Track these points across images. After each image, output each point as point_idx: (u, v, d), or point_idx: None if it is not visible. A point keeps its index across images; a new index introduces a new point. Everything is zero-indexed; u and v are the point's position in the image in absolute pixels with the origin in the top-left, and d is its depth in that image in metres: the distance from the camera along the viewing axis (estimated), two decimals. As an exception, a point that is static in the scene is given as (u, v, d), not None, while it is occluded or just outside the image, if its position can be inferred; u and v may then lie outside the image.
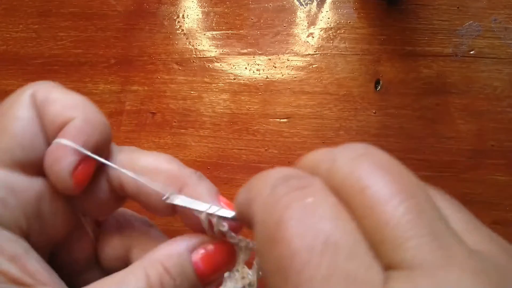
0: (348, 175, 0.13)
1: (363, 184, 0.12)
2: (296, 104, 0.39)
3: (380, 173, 0.13)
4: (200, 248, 0.19)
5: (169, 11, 0.42)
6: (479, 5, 0.39)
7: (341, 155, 0.14)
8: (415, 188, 0.13)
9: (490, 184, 0.37)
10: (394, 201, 0.12)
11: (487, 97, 0.38)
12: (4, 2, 0.44)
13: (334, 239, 0.12)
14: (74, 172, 0.18)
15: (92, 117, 0.20)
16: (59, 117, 0.19)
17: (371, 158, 0.13)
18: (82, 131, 0.19)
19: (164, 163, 0.20)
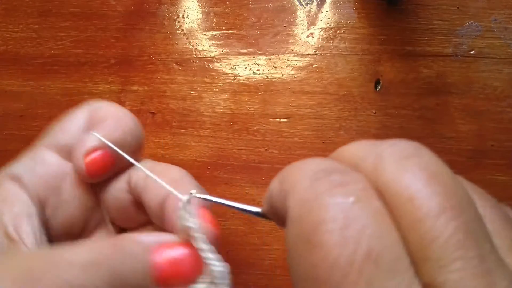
0: (394, 178, 0.12)
1: (412, 193, 0.12)
2: (296, 104, 0.39)
3: (431, 182, 0.12)
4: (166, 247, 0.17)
5: (169, 11, 0.42)
6: (479, 5, 0.39)
7: (388, 154, 0.13)
8: (465, 203, 0.12)
9: (490, 184, 0.37)
10: (445, 216, 0.11)
11: (487, 97, 0.38)
12: (4, 2, 0.44)
13: (377, 252, 0.11)
14: (87, 156, 0.21)
15: (121, 121, 0.22)
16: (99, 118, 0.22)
17: (422, 162, 0.12)
18: (107, 125, 0.22)
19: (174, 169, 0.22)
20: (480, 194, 0.14)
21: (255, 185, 0.38)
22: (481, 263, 0.11)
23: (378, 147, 0.13)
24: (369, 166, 0.13)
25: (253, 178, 0.38)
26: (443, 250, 0.11)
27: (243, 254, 0.38)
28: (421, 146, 0.13)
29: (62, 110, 0.42)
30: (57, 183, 0.22)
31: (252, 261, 0.37)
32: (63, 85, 0.42)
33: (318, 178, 0.12)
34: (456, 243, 0.11)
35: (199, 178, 0.39)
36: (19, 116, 0.42)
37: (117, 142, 0.21)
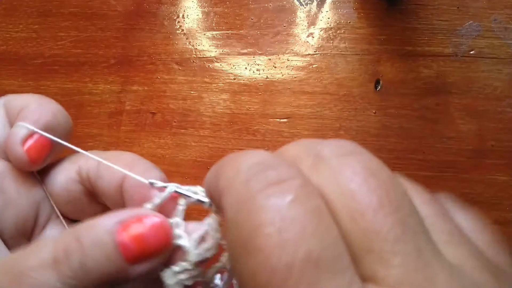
0: (335, 174, 0.12)
1: (353, 188, 0.12)
2: (296, 104, 0.39)
3: (370, 178, 0.12)
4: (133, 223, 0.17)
5: (169, 11, 0.42)
6: (479, 5, 0.39)
7: (329, 150, 0.13)
8: (402, 199, 0.12)
9: (490, 184, 0.37)
10: (383, 212, 0.11)
11: (487, 97, 0.38)
12: (4, 2, 0.44)
13: (317, 252, 0.10)
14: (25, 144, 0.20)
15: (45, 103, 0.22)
16: (18, 107, 0.22)
17: (361, 159, 0.12)
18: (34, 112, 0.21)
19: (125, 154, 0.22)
20: (417, 191, 0.14)
21: (255, 185, 0.38)
22: (419, 257, 0.11)
23: (319, 145, 0.13)
24: (308, 163, 0.13)
25: (253, 178, 0.38)
26: (383, 245, 0.11)
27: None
28: (358, 145, 0.13)
29: (62, 110, 0.42)
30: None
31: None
32: (63, 85, 0.42)
33: (252, 174, 0.12)
34: (395, 237, 0.11)
35: (199, 178, 0.39)
36: (19, 116, 0.42)
37: (49, 125, 0.21)
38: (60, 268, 0.15)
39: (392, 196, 0.12)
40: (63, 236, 0.17)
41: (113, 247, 0.16)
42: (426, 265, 0.11)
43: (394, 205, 0.11)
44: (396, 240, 0.11)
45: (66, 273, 0.15)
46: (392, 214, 0.11)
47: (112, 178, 0.20)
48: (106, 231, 0.16)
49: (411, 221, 0.11)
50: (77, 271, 0.16)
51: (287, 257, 0.10)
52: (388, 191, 0.12)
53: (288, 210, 0.11)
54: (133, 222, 0.17)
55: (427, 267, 0.11)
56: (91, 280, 0.16)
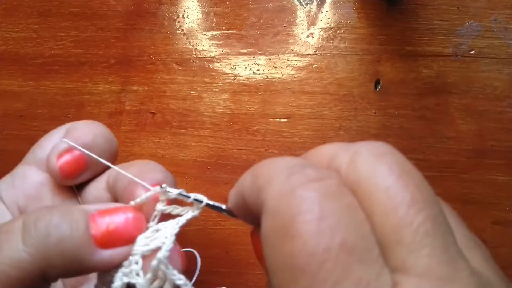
0: (370, 172, 0.13)
1: (387, 184, 0.12)
2: (296, 104, 0.39)
3: (403, 176, 0.13)
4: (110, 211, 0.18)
5: (169, 11, 0.42)
6: (479, 5, 0.39)
7: (363, 151, 0.14)
8: (432, 199, 0.13)
9: (490, 184, 0.37)
10: (415, 207, 0.12)
11: (487, 97, 0.38)
12: (4, 2, 0.44)
13: (351, 242, 0.11)
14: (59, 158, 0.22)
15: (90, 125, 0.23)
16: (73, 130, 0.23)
17: (394, 159, 0.13)
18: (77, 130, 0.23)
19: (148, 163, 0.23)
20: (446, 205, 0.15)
21: (255, 185, 0.38)
22: (446, 252, 0.11)
23: (354, 146, 0.14)
24: (345, 162, 0.14)
25: (253, 178, 0.38)
26: (413, 237, 0.11)
27: (243, 254, 0.38)
28: (392, 146, 0.14)
29: (62, 110, 0.42)
30: (36, 192, 0.23)
31: (252, 261, 0.37)
32: (63, 85, 0.42)
33: (293, 172, 0.13)
34: (425, 231, 0.12)
35: (199, 178, 0.39)
36: (19, 116, 0.42)
37: (87, 144, 0.22)
38: (27, 233, 0.16)
39: (424, 194, 0.12)
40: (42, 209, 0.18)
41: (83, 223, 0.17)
42: (452, 260, 0.11)
43: (426, 202, 0.12)
44: (426, 234, 0.12)
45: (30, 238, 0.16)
46: (424, 210, 0.12)
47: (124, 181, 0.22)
48: (81, 210, 0.18)
49: (441, 219, 0.12)
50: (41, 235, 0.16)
51: (325, 242, 0.11)
52: (421, 189, 0.12)
53: (326, 202, 0.12)
54: (110, 211, 0.18)
55: (452, 261, 0.11)
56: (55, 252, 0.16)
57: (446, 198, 0.40)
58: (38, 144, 0.24)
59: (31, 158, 0.24)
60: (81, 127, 0.23)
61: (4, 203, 0.22)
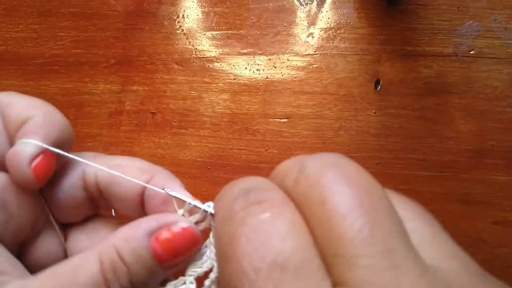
0: (311, 186, 0.13)
1: (324, 196, 0.12)
2: (296, 104, 0.39)
3: (343, 185, 0.12)
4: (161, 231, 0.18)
5: (169, 11, 0.42)
6: (479, 5, 0.39)
7: (310, 165, 0.14)
8: (377, 202, 0.12)
9: (490, 184, 0.37)
10: (352, 216, 0.12)
11: (487, 97, 0.38)
12: (4, 2, 0.44)
13: (283, 258, 0.11)
14: (32, 163, 0.19)
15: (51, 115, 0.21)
16: (20, 116, 0.20)
17: (339, 169, 0.13)
18: (41, 126, 0.20)
19: (136, 161, 0.22)
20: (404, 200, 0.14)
21: (255, 185, 0.38)
22: (388, 258, 0.11)
23: (302, 161, 0.14)
24: (292, 178, 0.14)
25: (253, 178, 0.38)
26: (349, 247, 0.11)
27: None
28: (343, 157, 0.14)
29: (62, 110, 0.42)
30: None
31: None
32: (63, 85, 0.42)
33: (236, 198, 0.14)
34: (362, 240, 0.11)
35: (199, 178, 0.39)
36: (19, 116, 0.42)
37: (57, 141, 0.20)
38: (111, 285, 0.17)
39: (364, 201, 0.12)
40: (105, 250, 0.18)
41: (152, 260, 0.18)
42: (394, 266, 0.11)
43: (365, 208, 0.12)
44: (363, 242, 0.11)
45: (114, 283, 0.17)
46: (361, 217, 0.12)
47: (131, 186, 0.21)
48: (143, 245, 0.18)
49: (384, 223, 0.12)
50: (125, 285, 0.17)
51: (255, 262, 0.12)
52: (361, 196, 0.12)
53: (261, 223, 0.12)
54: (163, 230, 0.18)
55: (395, 267, 0.11)
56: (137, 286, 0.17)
57: (446, 198, 0.40)
58: None
59: None
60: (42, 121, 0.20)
61: None
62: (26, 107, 0.21)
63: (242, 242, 0.12)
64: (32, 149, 0.19)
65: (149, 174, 0.21)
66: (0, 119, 0.21)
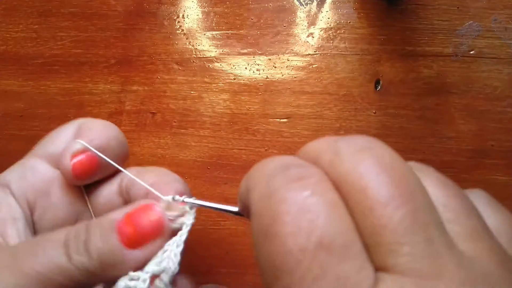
0: (349, 170, 0.13)
1: (364, 183, 0.12)
2: (296, 104, 0.39)
3: (382, 172, 0.12)
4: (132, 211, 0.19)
5: (169, 11, 0.42)
6: (479, 5, 0.39)
7: (344, 147, 0.14)
8: (415, 190, 0.12)
9: (490, 184, 0.37)
10: (393, 204, 0.12)
11: (487, 97, 0.38)
12: (4, 2, 0.44)
13: (329, 239, 0.11)
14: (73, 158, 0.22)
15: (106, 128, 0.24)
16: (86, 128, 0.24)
17: (374, 154, 0.13)
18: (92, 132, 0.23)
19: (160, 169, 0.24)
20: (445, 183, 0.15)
21: (255, 185, 0.38)
22: (428, 247, 0.11)
23: (336, 142, 0.14)
24: (327, 160, 0.14)
25: (253, 178, 0.38)
26: (392, 236, 0.11)
27: (243, 254, 0.38)
28: (375, 140, 0.14)
29: (62, 110, 0.42)
30: (46, 187, 0.23)
31: (252, 261, 0.37)
32: (63, 85, 0.42)
33: (275, 174, 0.13)
34: (404, 229, 0.11)
35: (199, 178, 0.39)
36: (19, 116, 0.42)
37: (101, 147, 0.23)
38: (68, 246, 0.18)
39: (403, 189, 0.12)
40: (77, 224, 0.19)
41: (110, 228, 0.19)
42: (435, 254, 0.11)
43: (405, 197, 0.12)
44: (405, 231, 0.11)
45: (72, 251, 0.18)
46: (401, 207, 0.12)
47: (141, 188, 0.23)
48: (109, 220, 0.19)
49: (423, 212, 0.12)
50: (81, 249, 0.18)
51: (301, 241, 0.11)
52: (398, 184, 0.12)
53: (304, 201, 0.12)
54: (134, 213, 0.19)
55: (435, 256, 0.11)
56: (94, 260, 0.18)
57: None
58: (49, 138, 0.25)
59: (42, 151, 0.24)
60: (95, 128, 0.23)
61: (14, 194, 0.22)
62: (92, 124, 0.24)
63: (286, 220, 0.12)
64: (76, 147, 0.22)
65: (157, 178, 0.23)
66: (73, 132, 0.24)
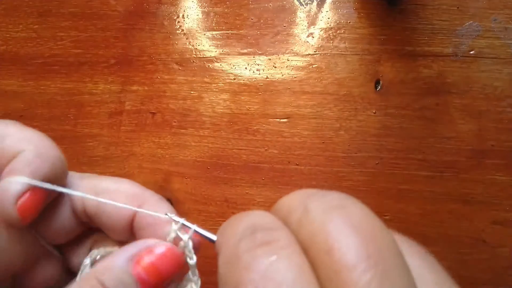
0: (317, 230, 0.12)
1: (331, 244, 0.12)
2: (296, 104, 0.39)
3: (350, 233, 0.12)
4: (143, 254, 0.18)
5: (169, 11, 0.42)
6: (479, 5, 0.39)
7: (315, 205, 0.13)
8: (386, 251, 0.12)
9: (490, 184, 0.37)
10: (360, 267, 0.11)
11: (487, 97, 0.38)
12: (4, 2, 0.44)
13: None
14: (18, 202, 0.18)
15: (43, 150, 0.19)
16: (11, 150, 0.19)
17: (344, 213, 0.13)
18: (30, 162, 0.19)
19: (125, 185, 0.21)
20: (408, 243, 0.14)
21: (255, 185, 0.38)
22: None
23: (308, 199, 0.14)
24: (296, 219, 0.13)
25: (253, 178, 0.38)
26: None
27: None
28: (348, 197, 0.13)
29: (62, 110, 0.42)
30: None
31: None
32: (63, 85, 0.42)
33: (243, 237, 0.13)
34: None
35: (199, 178, 0.40)
36: (19, 116, 0.42)
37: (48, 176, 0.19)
38: None
39: (372, 250, 0.11)
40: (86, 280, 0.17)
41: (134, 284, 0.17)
42: None
43: (373, 259, 0.11)
44: None
45: None
46: (369, 270, 0.11)
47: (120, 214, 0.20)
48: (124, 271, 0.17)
49: (393, 274, 0.11)
50: None
51: None
52: (368, 246, 0.12)
53: (268, 269, 0.12)
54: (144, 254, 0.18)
55: None
56: None
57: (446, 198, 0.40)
58: None
59: None
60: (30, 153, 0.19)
61: None
62: (18, 140, 0.19)
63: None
64: (17, 188, 0.18)
65: (138, 202, 0.20)
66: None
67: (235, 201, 0.38)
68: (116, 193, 0.20)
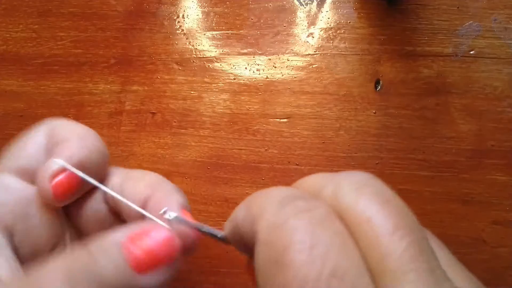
0: (353, 203, 0.13)
1: (368, 215, 0.13)
2: (296, 104, 0.39)
3: (384, 205, 0.13)
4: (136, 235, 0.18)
5: (169, 11, 0.42)
6: (479, 5, 0.39)
7: (345, 183, 0.14)
8: (414, 224, 0.13)
9: (490, 184, 0.37)
10: (397, 234, 0.12)
11: (487, 97, 0.38)
12: (4, 2, 0.44)
13: (342, 270, 0.12)
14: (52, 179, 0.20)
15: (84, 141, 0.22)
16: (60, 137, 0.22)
17: (375, 190, 0.14)
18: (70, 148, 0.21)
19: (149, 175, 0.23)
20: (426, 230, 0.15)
21: (255, 185, 0.38)
22: (431, 275, 0.12)
23: (336, 177, 0.15)
24: (329, 194, 0.14)
25: (253, 178, 0.38)
26: (398, 264, 0.12)
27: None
28: (373, 176, 0.15)
29: (62, 110, 0.42)
30: (23, 209, 0.21)
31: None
32: (63, 85, 0.42)
33: (285, 203, 0.14)
34: (409, 257, 0.12)
35: (199, 178, 0.39)
36: (19, 116, 0.42)
37: (82, 162, 0.21)
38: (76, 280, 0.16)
39: (406, 221, 0.13)
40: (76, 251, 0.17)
41: (120, 257, 0.17)
42: (437, 283, 0.12)
43: (409, 228, 0.13)
44: (411, 259, 0.12)
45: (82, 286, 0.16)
46: (407, 236, 0.12)
47: (135, 198, 0.21)
48: (114, 243, 0.17)
49: (424, 244, 0.13)
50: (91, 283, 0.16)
51: (316, 271, 0.12)
52: (402, 216, 0.13)
53: (316, 231, 0.12)
54: (140, 235, 0.18)
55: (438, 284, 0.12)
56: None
57: (446, 198, 0.40)
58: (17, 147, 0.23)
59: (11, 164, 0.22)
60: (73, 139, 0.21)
61: None
62: (67, 131, 0.22)
63: (301, 249, 0.12)
64: (54, 167, 0.20)
65: (152, 190, 0.21)
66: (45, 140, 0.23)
67: (235, 201, 0.38)
68: (139, 181, 0.22)
